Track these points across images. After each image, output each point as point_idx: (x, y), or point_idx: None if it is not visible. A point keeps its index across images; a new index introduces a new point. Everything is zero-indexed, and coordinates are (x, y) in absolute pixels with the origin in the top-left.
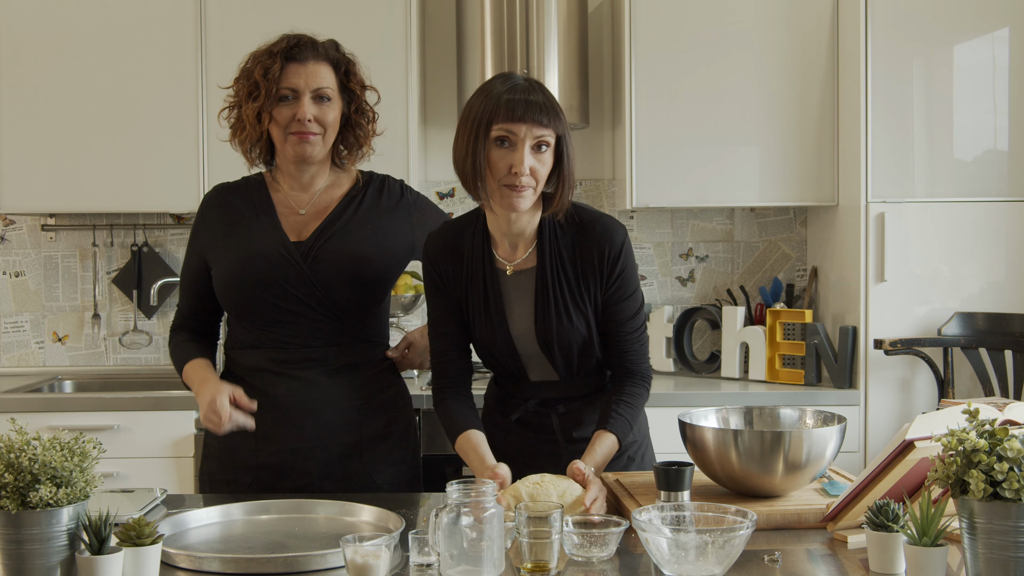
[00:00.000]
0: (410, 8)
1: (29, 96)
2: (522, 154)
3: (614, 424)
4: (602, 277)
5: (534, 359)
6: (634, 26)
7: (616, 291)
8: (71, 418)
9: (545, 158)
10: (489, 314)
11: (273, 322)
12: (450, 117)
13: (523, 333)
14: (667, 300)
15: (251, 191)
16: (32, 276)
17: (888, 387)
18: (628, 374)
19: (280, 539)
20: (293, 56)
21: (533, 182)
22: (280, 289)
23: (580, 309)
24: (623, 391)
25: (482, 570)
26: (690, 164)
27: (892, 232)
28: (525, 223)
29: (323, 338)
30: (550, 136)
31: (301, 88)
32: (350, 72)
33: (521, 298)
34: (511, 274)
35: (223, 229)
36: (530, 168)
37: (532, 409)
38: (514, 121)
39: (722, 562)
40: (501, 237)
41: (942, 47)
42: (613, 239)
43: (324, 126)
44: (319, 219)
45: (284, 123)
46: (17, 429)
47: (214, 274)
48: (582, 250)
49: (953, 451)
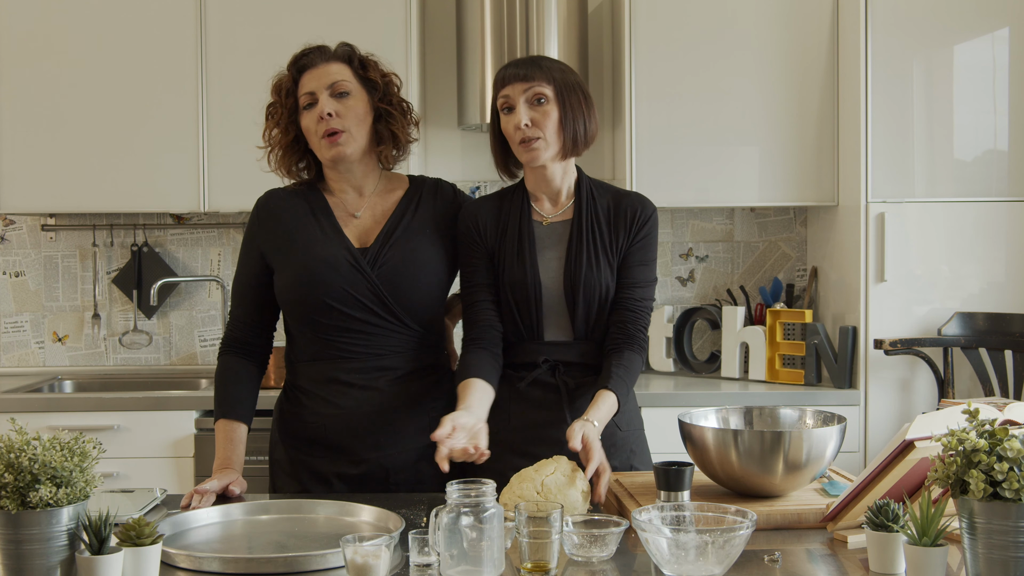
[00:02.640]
0: (410, 8)
1: (29, 96)
2: (519, 111)
3: (615, 384)
4: (630, 233)
5: (555, 312)
6: (634, 26)
7: (639, 251)
8: (71, 418)
9: (547, 110)
10: (522, 258)
11: (340, 331)
12: (450, 117)
13: (551, 279)
14: (667, 300)
15: (307, 196)
16: (32, 276)
17: (888, 387)
18: (627, 339)
19: (280, 539)
20: (303, 65)
21: (539, 132)
22: (347, 297)
23: (608, 260)
24: (623, 356)
25: (482, 570)
26: (690, 164)
27: (892, 232)
28: (559, 178)
29: (389, 346)
30: (542, 87)
31: (317, 89)
32: (365, 64)
33: (554, 245)
34: (547, 224)
35: (284, 234)
36: (531, 119)
37: (543, 372)
38: (504, 85)
39: (722, 562)
40: (540, 195)
41: (942, 47)
42: (646, 205)
43: (348, 119)
44: (379, 225)
45: (313, 128)
46: (17, 429)
47: (278, 283)
48: (617, 209)
49: (953, 451)
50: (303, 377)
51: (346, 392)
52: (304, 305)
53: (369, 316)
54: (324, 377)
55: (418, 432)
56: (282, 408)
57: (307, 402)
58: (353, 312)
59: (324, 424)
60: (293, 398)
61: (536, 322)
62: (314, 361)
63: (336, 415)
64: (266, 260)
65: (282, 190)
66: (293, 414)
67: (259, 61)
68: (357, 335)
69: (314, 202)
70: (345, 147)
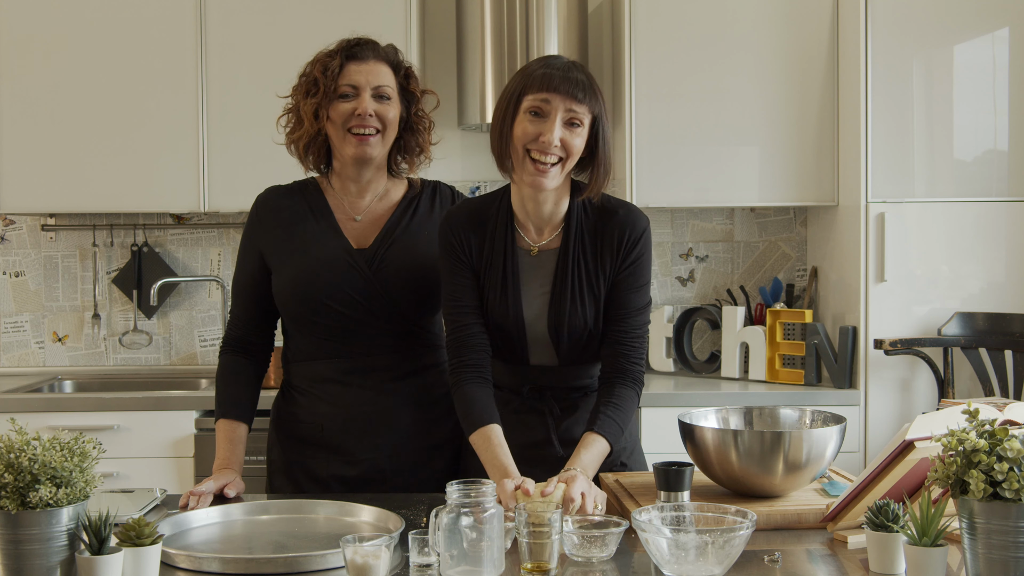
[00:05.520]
0: (410, 8)
1: (29, 96)
2: (554, 123)
3: (602, 426)
4: (617, 259)
5: (539, 342)
6: (634, 26)
7: (628, 276)
8: (71, 418)
9: (578, 134)
10: (506, 292)
11: (337, 331)
12: (450, 117)
13: (535, 315)
14: (667, 300)
15: (306, 195)
16: (32, 276)
17: (888, 387)
18: (620, 374)
19: (280, 539)
20: (354, 54)
21: (563, 154)
22: (345, 297)
23: (594, 294)
24: (613, 393)
25: (482, 570)
26: (690, 164)
27: (892, 232)
28: (552, 207)
29: (387, 345)
30: (584, 115)
31: (361, 85)
32: (409, 75)
33: (539, 279)
34: (535, 255)
35: (282, 234)
36: (561, 140)
37: (527, 396)
38: (548, 91)
39: (722, 562)
40: (526, 219)
41: (942, 47)
42: (635, 223)
43: (384, 123)
44: (377, 226)
45: (342, 120)
46: (17, 429)
47: (275, 282)
48: (603, 231)
49: (953, 451)
50: (299, 376)
51: (342, 391)
52: (301, 305)
53: (366, 316)
54: (320, 376)
55: (416, 433)
56: (278, 408)
57: (303, 401)
58: (350, 312)
59: (320, 424)
60: (289, 398)
61: (520, 350)
62: (310, 360)
63: (332, 414)
64: (264, 259)
65: (281, 188)
66: (289, 414)
67: (259, 61)
68: (354, 335)
69: (313, 201)
70: (372, 149)
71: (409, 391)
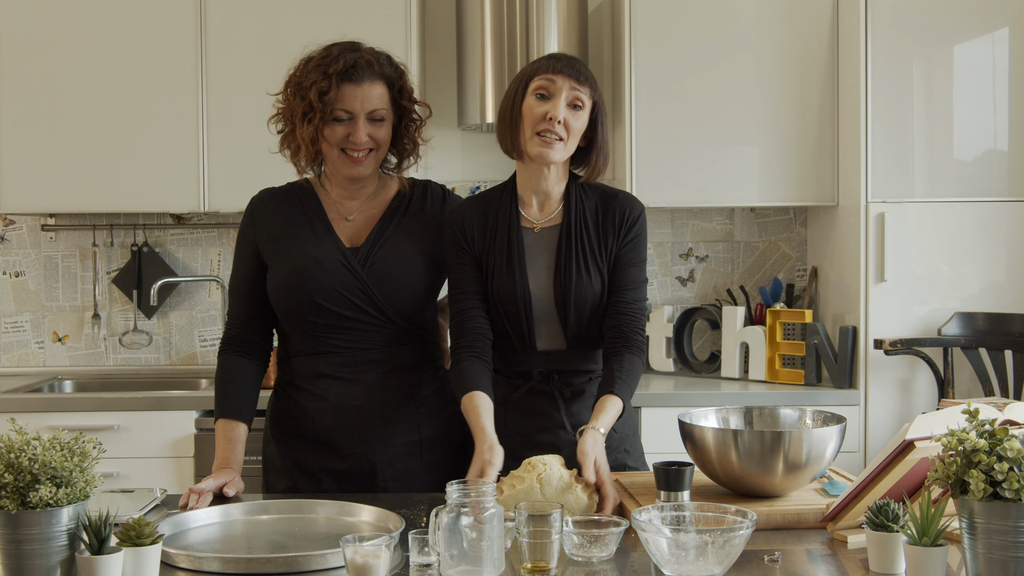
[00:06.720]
0: (410, 8)
1: (29, 96)
2: (558, 103)
3: (620, 387)
4: (619, 235)
5: (546, 321)
6: (634, 26)
7: (628, 252)
8: (71, 418)
9: (579, 116)
10: (511, 267)
11: (330, 328)
12: (450, 117)
13: (541, 289)
14: (667, 300)
15: (300, 196)
16: (32, 276)
17: (888, 387)
18: (625, 342)
19: (280, 539)
20: (349, 77)
21: (565, 133)
22: (338, 296)
23: (598, 266)
24: (623, 359)
25: (482, 570)
26: (690, 164)
27: (892, 232)
28: (553, 183)
29: (380, 341)
30: (585, 96)
31: (356, 111)
32: (403, 88)
33: (543, 254)
34: (537, 231)
35: (277, 233)
36: (564, 120)
37: (537, 381)
38: (553, 72)
39: (722, 562)
40: (530, 196)
41: (942, 47)
42: (634, 205)
43: (378, 143)
44: (369, 225)
45: (336, 142)
46: (17, 429)
47: (270, 281)
48: (604, 211)
49: (953, 451)
50: (292, 373)
51: (333, 386)
52: (294, 303)
53: (358, 314)
54: (312, 372)
55: (406, 428)
56: (273, 404)
57: (296, 396)
58: (343, 311)
59: (312, 418)
60: (283, 393)
61: (527, 331)
62: (303, 357)
63: (323, 409)
64: (261, 258)
65: (275, 189)
66: (283, 409)
67: (259, 61)
68: (346, 332)
69: (307, 202)
70: (366, 169)
71: (401, 386)
